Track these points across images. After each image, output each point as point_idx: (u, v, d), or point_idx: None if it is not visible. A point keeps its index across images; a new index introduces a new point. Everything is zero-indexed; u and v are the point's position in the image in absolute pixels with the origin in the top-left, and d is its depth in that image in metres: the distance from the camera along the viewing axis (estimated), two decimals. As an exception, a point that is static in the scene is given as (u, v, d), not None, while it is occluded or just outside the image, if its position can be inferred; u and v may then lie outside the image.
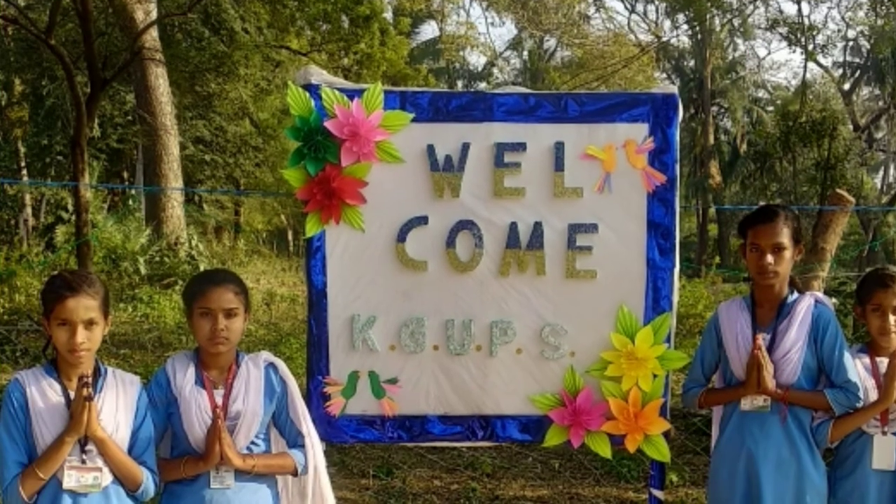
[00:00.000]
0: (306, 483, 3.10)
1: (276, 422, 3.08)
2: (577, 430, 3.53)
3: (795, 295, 3.30)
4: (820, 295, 3.41)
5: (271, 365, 3.07)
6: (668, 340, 3.53)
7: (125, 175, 23.22)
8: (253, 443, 2.99)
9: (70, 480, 2.68)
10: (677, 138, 3.55)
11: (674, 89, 3.62)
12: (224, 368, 3.00)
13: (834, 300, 4.54)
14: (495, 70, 39.28)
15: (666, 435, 3.56)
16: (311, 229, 3.51)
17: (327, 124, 3.42)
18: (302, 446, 3.06)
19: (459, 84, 38.68)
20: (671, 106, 3.54)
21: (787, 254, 3.22)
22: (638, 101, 3.54)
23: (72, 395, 2.72)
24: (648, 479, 3.74)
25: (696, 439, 6.09)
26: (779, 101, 37.95)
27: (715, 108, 37.06)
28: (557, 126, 3.51)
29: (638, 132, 3.51)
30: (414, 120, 3.49)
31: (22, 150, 20.55)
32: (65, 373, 2.77)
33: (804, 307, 3.25)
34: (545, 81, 33.93)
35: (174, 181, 15.82)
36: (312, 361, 3.57)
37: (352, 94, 3.48)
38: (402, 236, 3.51)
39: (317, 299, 3.54)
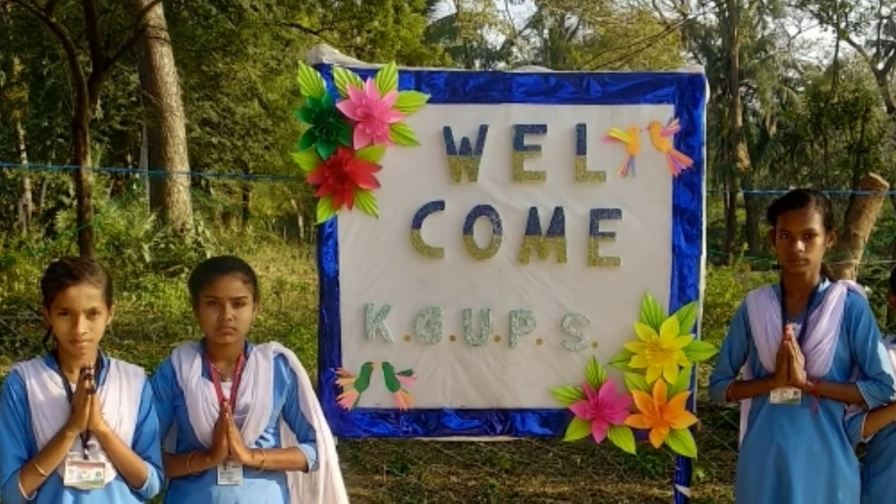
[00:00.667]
0: (317, 479, 3.07)
1: (286, 415, 3.04)
2: (599, 424, 3.47)
3: (827, 283, 3.23)
4: (852, 283, 3.35)
5: (281, 356, 3.03)
6: (695, 331, 3.47)
7: (129, 158, 23.22)
8: (262, 437, 2.94)
9: (72, 476, 2.64)
10: (704, 120, 3.48)
11: (700, 69, 3.55)
12: (232, 360, 2.96)
13: (867, 289, 4.46)
14: (514, 49, 38.99)
15: (692, 429, 3.49)
16: (322, 215, 3.45)
17: (339, 105, 3.36)
18: (313, 441, 3.02)
19: (477, 64, 38.63)
20: (697, 86, 3.46)
21: (819, 240, 3.15)
22: (663, 81, 3.47)
23: (73, 387, 2.67)
24: (674, 475, 3.68)
25: (723, 433, 6.00)
26: (810, 82, 37.26)
27: (743, 89, 36.53)
28: (579, 107, 3.44)
29: (663, 114, 3.45)
30: (430, 101, 3.42)
31: (21, 132, 20.45)
32: (66, 364, 2.73)
33: (836, 296, 3.18)
34: (566, 61, 33.64)
35: (180, 165, 15.77)
36: (324, 352, 3.51)
37: (365, 74, 3.41)
38: (417, 222, 3.44)
39: (328, 288, 3.48)
